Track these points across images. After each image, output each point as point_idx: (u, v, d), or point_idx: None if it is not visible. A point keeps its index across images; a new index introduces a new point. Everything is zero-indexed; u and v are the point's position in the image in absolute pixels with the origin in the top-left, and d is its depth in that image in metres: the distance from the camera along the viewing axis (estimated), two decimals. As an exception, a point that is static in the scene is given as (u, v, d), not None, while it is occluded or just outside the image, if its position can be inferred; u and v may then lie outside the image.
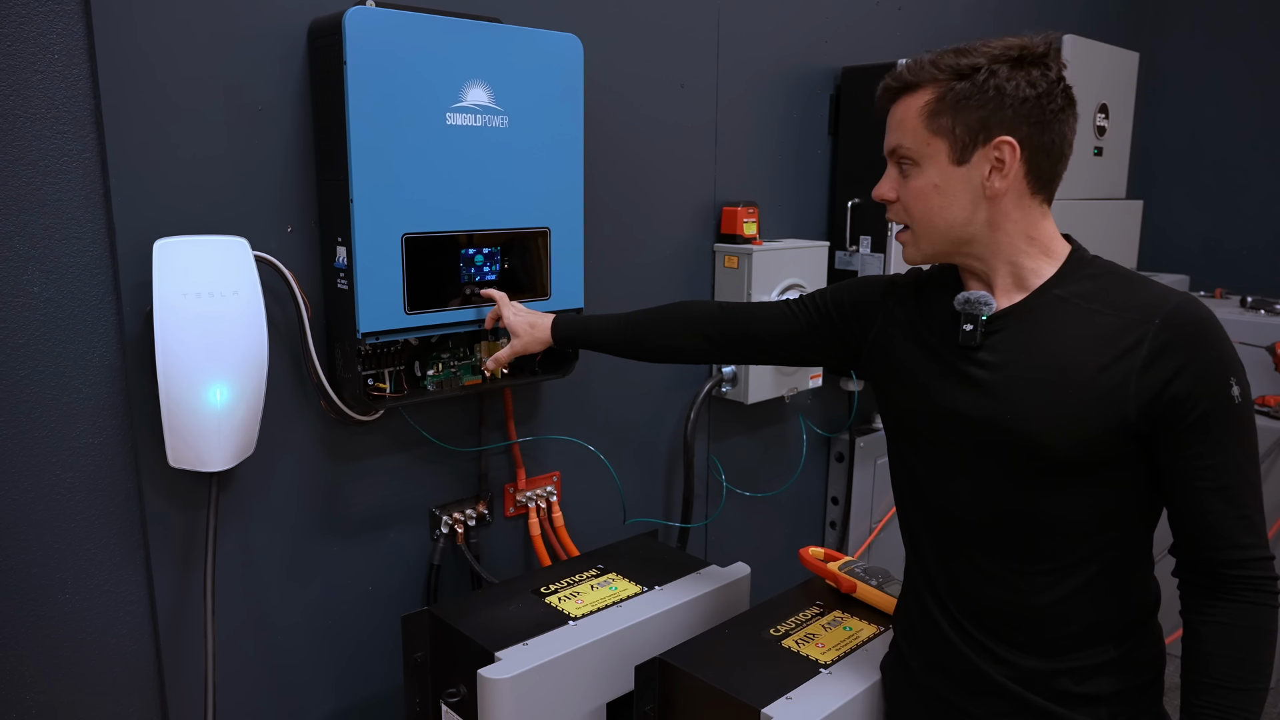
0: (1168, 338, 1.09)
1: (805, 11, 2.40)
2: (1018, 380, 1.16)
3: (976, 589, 1.23)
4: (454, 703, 1.51)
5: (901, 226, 1.25)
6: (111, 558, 1.48)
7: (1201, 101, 3.77)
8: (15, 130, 1.30)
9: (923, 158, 1.17)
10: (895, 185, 1.23)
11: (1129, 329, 1.11)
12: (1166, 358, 1.09)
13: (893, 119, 1.20)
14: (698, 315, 1.55)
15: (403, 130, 1.51)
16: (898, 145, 1.20)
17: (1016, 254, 1.19)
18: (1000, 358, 1.18)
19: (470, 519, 1.89)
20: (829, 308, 1.42)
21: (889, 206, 1.25)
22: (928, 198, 1.18)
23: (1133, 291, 1.14)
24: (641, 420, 2.23)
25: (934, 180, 1.17)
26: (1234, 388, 1.09)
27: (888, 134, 1.22)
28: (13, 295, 1.33)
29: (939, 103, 1.15)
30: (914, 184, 1.19)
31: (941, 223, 1.19)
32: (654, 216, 2.15)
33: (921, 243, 1.22)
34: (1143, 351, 1.09)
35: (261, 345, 1.44)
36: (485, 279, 1.68)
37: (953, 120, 1.14)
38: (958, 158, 1.15)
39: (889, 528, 2.83)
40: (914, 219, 1.21)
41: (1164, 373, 1.08)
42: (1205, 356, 1.09)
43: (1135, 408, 1.10)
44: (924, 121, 1.16)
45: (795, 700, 1.32)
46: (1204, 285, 3.70)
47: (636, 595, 1.64)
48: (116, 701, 1.52)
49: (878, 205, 1.34)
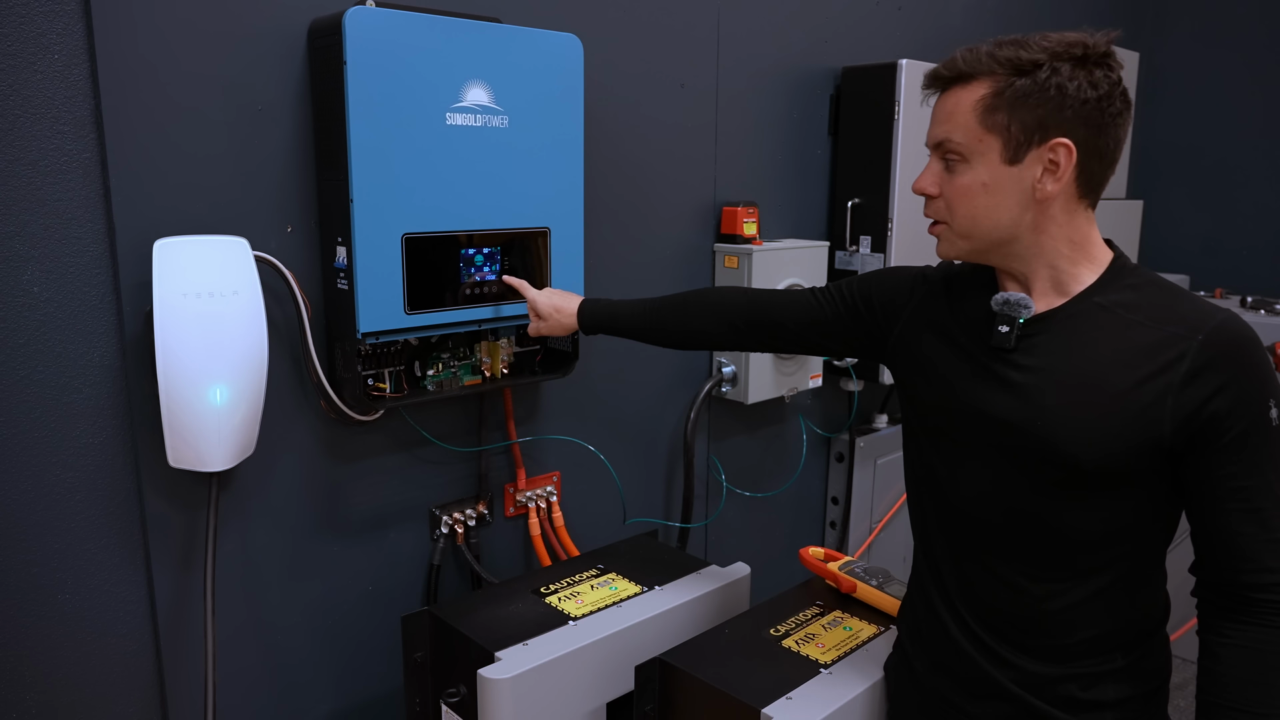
0: (1210, 355, 1.06)
1: (805, 11, 2.40)
2: (1051, 387, 1.13)
3: (987, 591, 1.22)
4: (454, 703, 1.51)
5: (936, 221, 1.20)
6: (111, 558, 1.48)
7: (1201, 101, 3.76)
8: (15, 130, 1.30)
9: (973, 154, 1.12)
10: (938, 180, 1.16)
11: (1170, 344, 1.07)
12: (1207, 375, 1.05)
13: (941, 110, 1.14)
14: (723, 301, 1.53)
15: (403, 130, 1.51)
16: (946, 139, 1.13)
17: (1058, 258, 1.15)
18: (1035, 362, 1.15)
19: (470, 519, 1.89)
20: (855, 298, 1.38)
21: (928, 202, 1.19)
22: (974, 197, 1.13)
23: (1175, 305, 1.11)
24: (642, 420, 2.23)
25: (983, 179, 1.12)
26: (1273, 410, 1.06)
27: (934, 125, 1.15)
28: (13, 295, 1.33)
29: (996, 98, 1.09)
30: (960, 180, 1.13)
31: (986, 223, 1.14)
32: (654, 216, 2.15)
33: (960, 241, 1.17)
34: (1183, 368, 1.06)
35: (261, 345, 1.44)
36: (485, 279, 1.68)
37: (1009, 117, 1.09)
38: (1010, 157, 1.10)
39: (889, 528, 2.83)
40: (956, 217, 1.16)
41: (1204, 390, 1.05)
42: (1247, 376, 1.06)
43: (1171, 425, 1.07)
44: (978, 117, 1.10)
45: (795, 700, 1.32)
46: (1204, 285, 3.69)
47: (636, 595, 1.64)
48: (116, 701, 1.52)
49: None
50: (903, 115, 2.37)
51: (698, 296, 1.57)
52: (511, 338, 1.85)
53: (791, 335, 1.46)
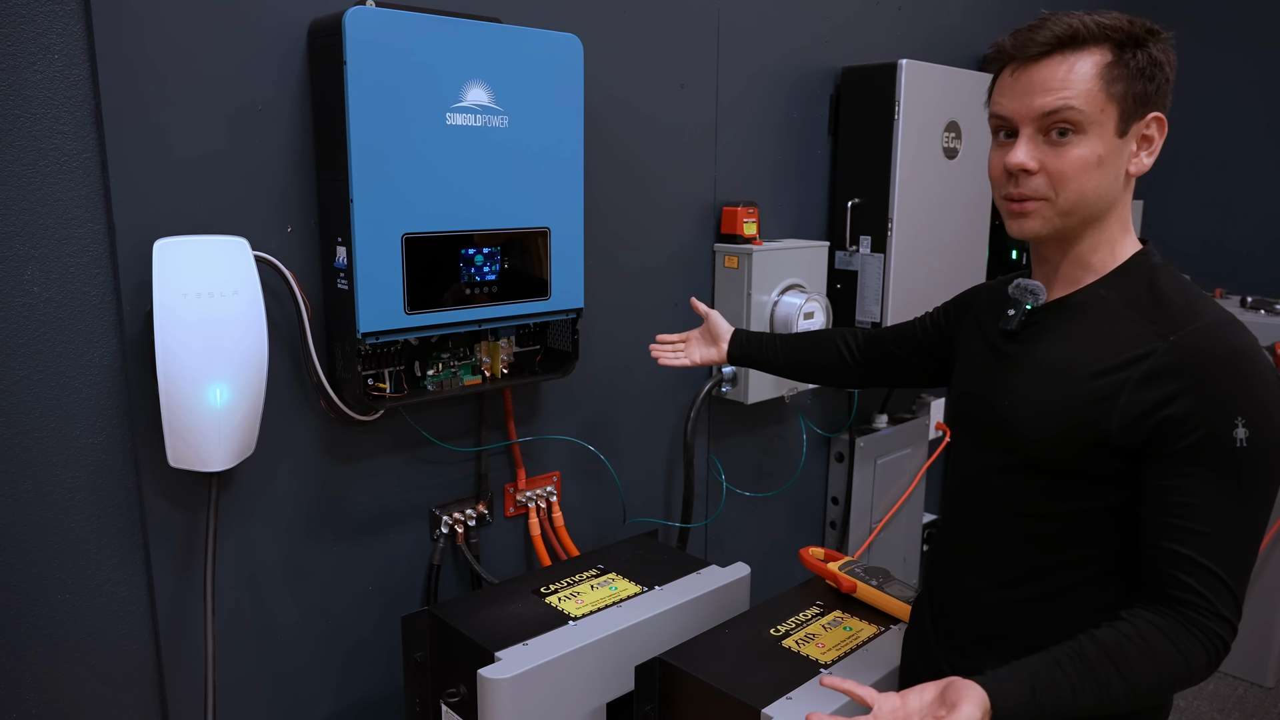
0: (1175, 358, 1.02)
1: (805, 11, 2.40)
2: (1027, 371, 1.15)
3: (949, 577, 1.28)
4: (454, 703, 1.51)
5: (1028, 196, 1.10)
6: (111, 558, 1.48)
7: (1201, 102, 3.77)
8: (15, 130, 1.30)
9: (1092, 124, 1.05)
10: (1039, 153, 1.08)
11: (1142, 340, 1.05)
12: (1168, 377, 1.01)
13: (1050, 77, 1.05)
14: (845, 334, 1.62)
15: (403, 130, 1.51)
16: (1065, 105, 1.04)
17: (1102, 243, 1.12)
18: (1026, 348, 1.16)
19: (470, 519, 1.89)
20: (939, 312, 1.45)
21: (1022, 180, 1.09)
22: (1088, 170, 1.06)
23: (1169, 303, 1.07)
24: (641, 420, 2.23)
25: (1099, 150, 1.06)
26: (1239, 428, 0.98)
27: (1035, 94, 1.06)
28: (13, 295, 1.33)
29: (1118, 66, 1.04)
30: (1075, 152, 1.05)
31: (1093, 197, 1.07)
32: (654, 216, 2.15)
33: (1057, 218, 1.09)
34: (1145, 366, 1.03)
35: (261, 345, 1.44)
36: (485, 279, 1.68)
37: (1126, 87, 1.05)
38: (1121, 129, 1.06)
39: (889, 528, 2.83)
40: (1064, 191, 1.07)
41: (1159, 393, 1.01)
42: (1214, 386, 1.00)
43: (1118, 423, 1.03)
44: (1104, 84, 1.04)
45: (795, 700, 1.32)
46: (1204, 285, 3.68)
47: (636, 595, 1.64)
48: (116, 701, 1.52)
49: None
50: (903, 115, 2.36)
51: (827, 334, 1.66)
52: (511, 338, 1.85)
53: (900, 362, 1.52)
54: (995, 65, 1.13)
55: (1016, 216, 1.11)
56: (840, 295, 2.54)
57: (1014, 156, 1.08)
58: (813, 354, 1.65)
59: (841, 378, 1.64)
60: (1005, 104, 1.09)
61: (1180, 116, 3.81)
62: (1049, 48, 1.06)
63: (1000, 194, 1.13)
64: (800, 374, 1.69)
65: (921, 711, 1.00)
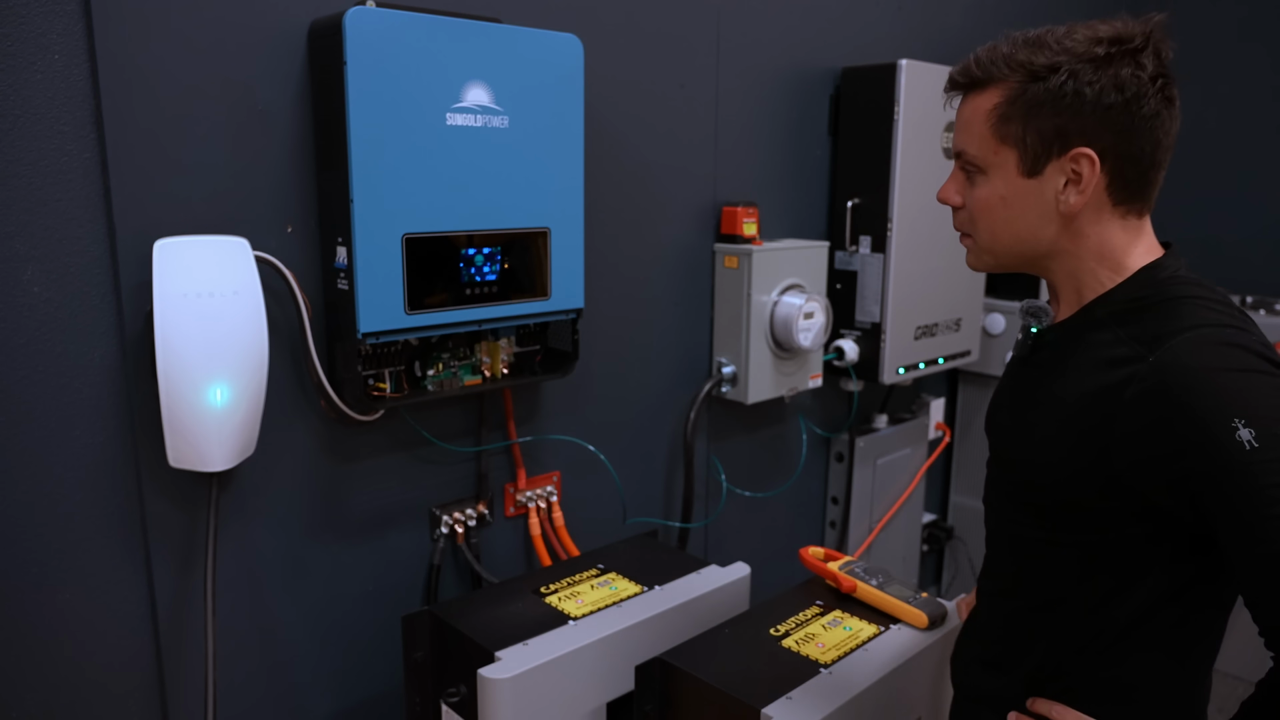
0: (1156, 380, 0.95)
1: (805, 11, 2.40)
2: (1028, 401, 1.12)
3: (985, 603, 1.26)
4: (454, 703, 1.51)
5: (963, 233, 1.14)
6: (111, 558, 1.48)
7: (1201, 101, 3.76)
8: (15, 130, 1.30)
9: (989, 166, 1.05)
10: (961, 190, 1.11)
11: (1126, 362, 0.98)
12: (1151, 401, 0.95)
13: (960, 118, 1.09)
14: None
15: (403, 130, 1.51)
16: (963, 150, 1.08)
17: (1082, 271, 1.07)
18: (1034, 373, 1.13)
19: (470, 519, 1.89)
20: None
21: (955, 213, 1.13)
22: (993, 210, 1.06)
23: (1159, 317, 1.00)
24: (641, 420, 2.23)
25: (1000, 192, 1.05)
26: (1241, 431, 0.88)
27: (955, 133, 1.10)
28: (13, 295, 1.33)
29: (1009, 106, 1.02)
30: (979, 193, 1.07)
31: (1006, 236, 1.07)
32: (654, 216, 2.15)
33: (984, 255, 1.12)
34: (1130, 390, 0.96)
35: (261, 345, 1.44)
36: (485, 279, 1.68)
37: (1023, 128, 1.01)
38: (1029, 169, 1.03)
39: (889, 528, 2.83)
40: (977, 229, 1.10)
41: (1149, 415, 0.95)
42: (1193, 402, 0.92)
43: (1123, 458, 0.97)
44: (992, 127, 1.03)
45: (795, 700, 1.32)
46: (1204, 285, 3.70)
47: (636, 595, 1.64)
48: (117, 701, 1.52)
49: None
50: (903, 115, 2.37)
51: None
52: (511, 338, 1.85)
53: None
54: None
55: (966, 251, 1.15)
56: (840, 295, 2.54)
57: (940, 191, 1.13)
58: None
59: None
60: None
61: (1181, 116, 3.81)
62: (956, 87, 1.08)
63: None
64: None
65: None
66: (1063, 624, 1.11)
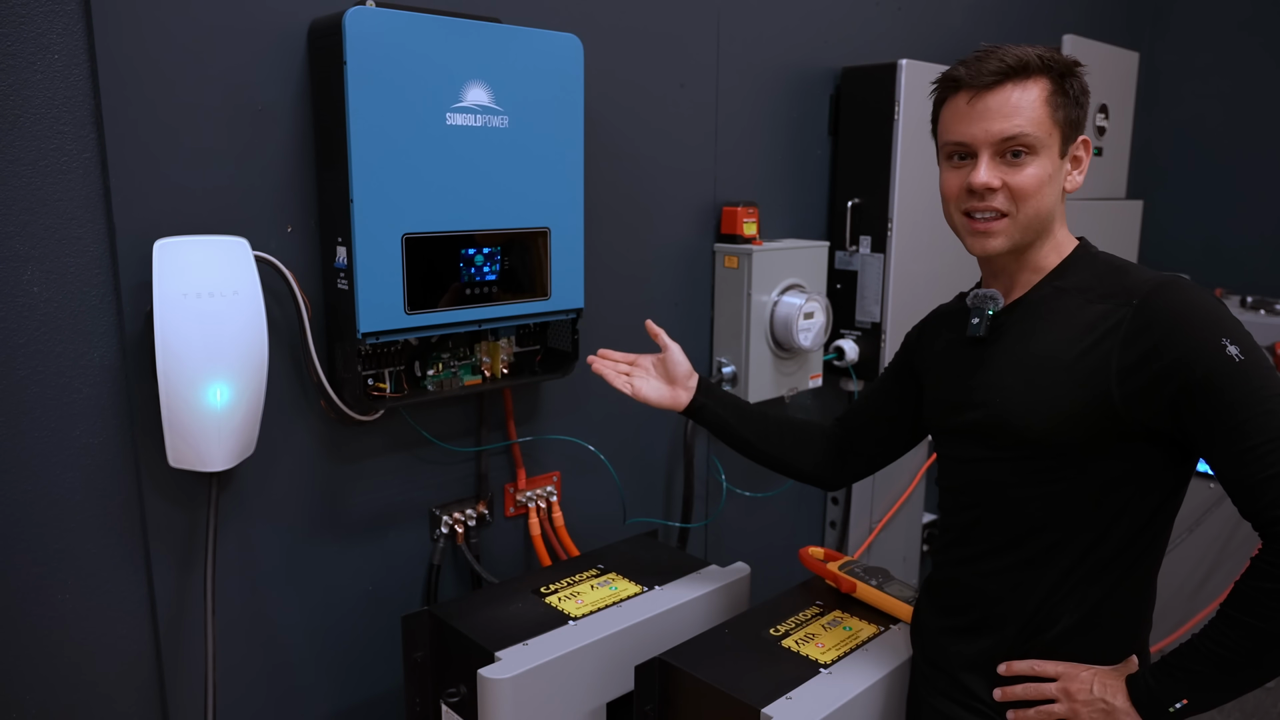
0: (1146, 316, 1.11)
1: (805, 12, 2.40)
2: (1010, 368, 1.22)
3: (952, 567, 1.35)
4: (454, 703, 1.51)
5: (993, 215, 1.21)
6: (111, 558, 1.48)
7: (1202, 101, 3.76)
8: (15, 130, 1.30)
9: (1042, 147, 1.18)
10: (999, 172, 1.19)
11: (1112, 313, 1.15)
12: (1146, 334, 1.11)
13: (1005, 104, 1.17)
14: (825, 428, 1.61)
15: (403, 130, 1.51)
16: (1020, 131, 1.17)
17: (1045, 249, 1.24)
18: (1001, 349, 1.25)
19: (470, 519, 1.89)
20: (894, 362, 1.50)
21: (987, 196, 1.20)
22: (1041, 187, 1.19)
23: (1124, 278, 1.18)
24: (641, 420, 2.23)
25: (1048, 170, 1.19)
26: (1229, 347, 1.06)
27: (992, 120, 1.18)
28: (13, 295, 1.33)
29: (1060, 95, 1.18)
30: (1030, 172, 1.18)
31: (1045, 212, 1.21)
32: (654, 216, 2.15)
33: (1017, 232, 1.21)
34: (1122, 332, 1.12)
35: (261, 345, 1.44)
36: (485, 279, 1.68)
37: (1065, 114, 1.19)
38: (1063, 150, 1.21)
39: (889, 528, 2.83)
40: (1023, 207, 1.19)
41: (1143, 347, 1.10)
42: (1187, 324, 1.09)
43: (1119, 388, 1.12)
44: (1049, 110, 1.18)
45: (795, 700, 1.32)
46: (1204, 285, 3.69)
47: (636, 595, 1.64)
48: (116, 701, 1.52)
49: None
50: (903, 115, 2.37)
51: (814, 424, 1.62)
52: (511, 338, 1.85)
53: (888, 425, 1.53)
54: (946, 92, 1.23)
55: (980, 235, 1.22)
56: (840, 295, 2.54)
57: (978, 176, 1.19)
58: (793, 433, 1.59)
59: (821, 467, 1.58)
60: (963, 130, 1.20)
61: (1180, 116, 3.82)
62: (1001, 77, 1.18)
63: (959, 209, 1.24)
64: (772, 457, 1.59)
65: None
66: (1049, 575, 1.22)
